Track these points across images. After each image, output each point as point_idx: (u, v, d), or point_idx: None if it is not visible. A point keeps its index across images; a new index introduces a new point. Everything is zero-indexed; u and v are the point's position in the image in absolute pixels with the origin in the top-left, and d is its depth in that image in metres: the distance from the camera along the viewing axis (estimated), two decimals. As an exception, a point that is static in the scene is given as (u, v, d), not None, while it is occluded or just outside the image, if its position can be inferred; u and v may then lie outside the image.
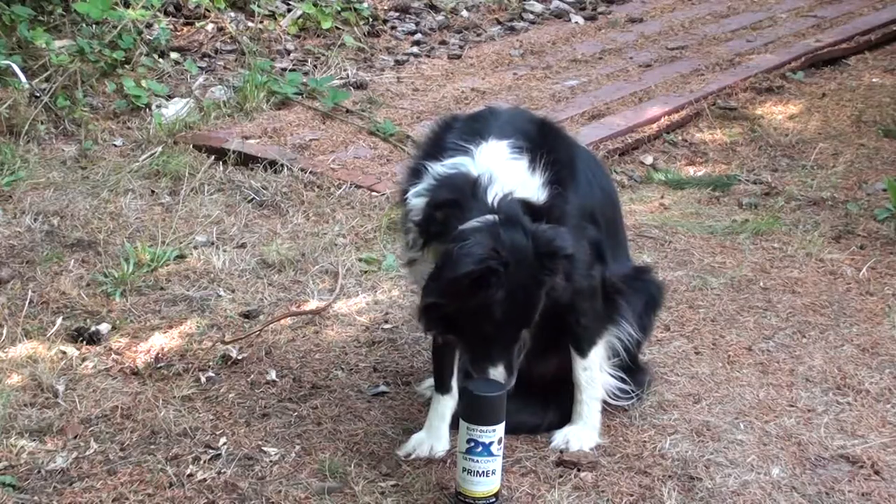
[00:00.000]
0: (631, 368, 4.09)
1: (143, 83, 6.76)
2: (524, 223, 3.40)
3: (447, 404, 3.90)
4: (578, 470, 3.80)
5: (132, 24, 7.08)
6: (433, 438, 3.89)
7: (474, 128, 3.64)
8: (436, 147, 3.66)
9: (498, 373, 3.52)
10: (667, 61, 7.96)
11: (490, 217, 3.38)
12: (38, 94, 6.43)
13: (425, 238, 3.54)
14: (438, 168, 3.53)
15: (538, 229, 3.41)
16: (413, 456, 3.84)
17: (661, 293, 4.16)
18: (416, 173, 3.63)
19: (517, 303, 3.42)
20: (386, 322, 4.69)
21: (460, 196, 3.44)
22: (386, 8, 8.65)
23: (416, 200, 3.55)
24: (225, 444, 3.89)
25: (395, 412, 4.11)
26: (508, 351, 3.53)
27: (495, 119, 3.72)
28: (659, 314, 4.26)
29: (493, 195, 3.42)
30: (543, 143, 3.63)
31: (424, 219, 3.51)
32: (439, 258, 3.44)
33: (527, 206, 3.47)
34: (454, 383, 3.90)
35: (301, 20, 8.01)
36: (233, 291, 4.92)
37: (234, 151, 6.09)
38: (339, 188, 5.85)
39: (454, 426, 3.83)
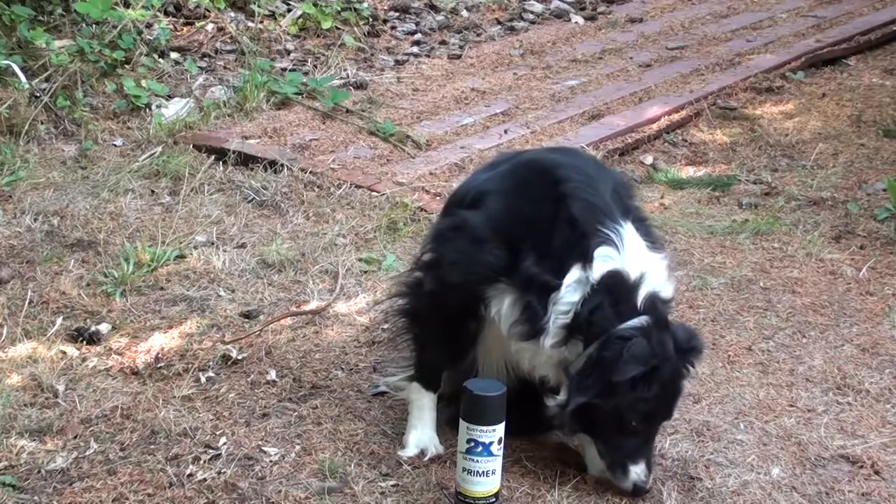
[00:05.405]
0: None
1: (143, 83, 6.76)
2: (668, 323, 3.64)
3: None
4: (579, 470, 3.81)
5: (132, 24, 7.07)
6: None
7: (596, 203, 3.61)
8: (574, 232, 3.60)
9: (640, 470, 3.65)
10: (667, 61, 7.96)
11: (643, 319, 3.55)
12: (38, 94, 6.42)
13: (569, 333, 3.58)
14: (595, 265, 3.54)
15: (676, 328, 3.68)
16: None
17: None
18: (547, 250, 3.60)
19: (665, 397, 3.63)
20: (386, 322, 4.69)
21: (616, 301, 3.55)
22: (386, 8, 8.65)
23: (571, 295, 3.56)
24: (225, 444, 3.89)
25: (395, 412, 4.11)
26: (649, 446, 3.69)
27: (596, 182, 3.70)
28: None
29: (642, 296, 3.57)
30: (639, 212, 3.81)
31: (583, 318, 3.54)
32: (592, 358, 3.54)
33: (661, 302, 3.63)
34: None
35: (301, 20, 8.01)
36: (233, 291, 4.91)
37: (234, 151, 6.09)
38: (339, 188, 5.85)
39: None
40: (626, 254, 3.57)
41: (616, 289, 3.55)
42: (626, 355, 3.48)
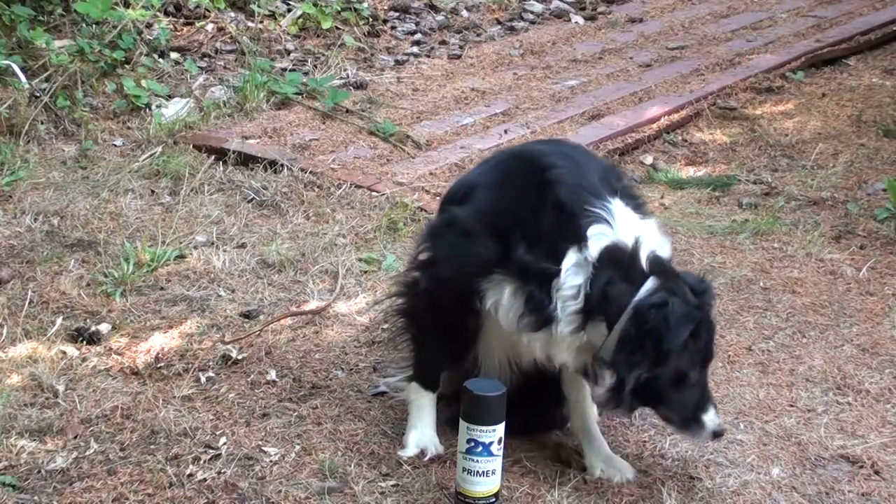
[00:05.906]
0: None
1: (143, 83, 6.76)
2: (678, 275, 3.63)
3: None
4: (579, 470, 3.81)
5: (132, 24, 7.07)
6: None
7: (583, 185, 3.62)
8: (563, 216, 3.59)
9: (711, 416, 3.62)
10: (667, 61, 7.96)
11: (655, 280, 3.53)
12: (38, 94, 6.42)
13: (586, 316, 3.56)
14: (590, 245, 3.53)
15: (685, 276, 3.69)
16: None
17: None
18: (538, 236, 3.60)
19: (710, 341, 3.64)
20: (386, 322, 4.69)
21: (623, 272, 3.53)
22: (386, 8, 8.65)
23: (573, 279, 3.54)
24: (225, 444, 3.89)
25: (395, 412, 4.11)
26: (708, 390, 3.67)
27: (582, 167, 3.71)
28: None
29: (644, 259, 3.55)
30: (627, 190, 3.79)
31: (596, 298, 3.52)
32: (631, 334, 3.48)
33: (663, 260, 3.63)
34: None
35: (301, 20, 8.01)
36: (233, 291, 4.92)
37: (234, 151, 6.09)
38: (339, 188, 5.85)
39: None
40: (617, 226, 3.55)
41: (618, 261, 3.53)
42: (672, 320, 3.45)
